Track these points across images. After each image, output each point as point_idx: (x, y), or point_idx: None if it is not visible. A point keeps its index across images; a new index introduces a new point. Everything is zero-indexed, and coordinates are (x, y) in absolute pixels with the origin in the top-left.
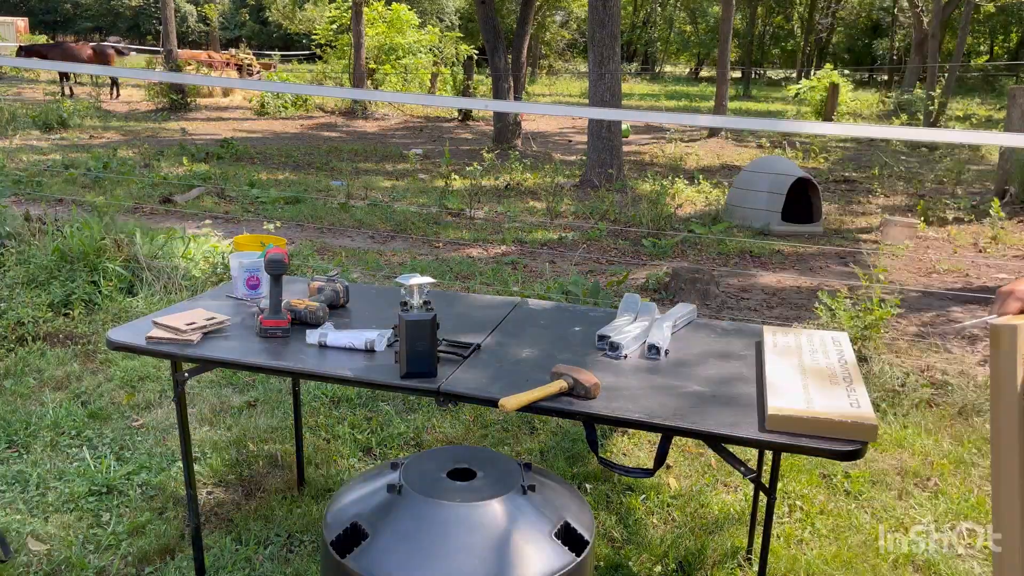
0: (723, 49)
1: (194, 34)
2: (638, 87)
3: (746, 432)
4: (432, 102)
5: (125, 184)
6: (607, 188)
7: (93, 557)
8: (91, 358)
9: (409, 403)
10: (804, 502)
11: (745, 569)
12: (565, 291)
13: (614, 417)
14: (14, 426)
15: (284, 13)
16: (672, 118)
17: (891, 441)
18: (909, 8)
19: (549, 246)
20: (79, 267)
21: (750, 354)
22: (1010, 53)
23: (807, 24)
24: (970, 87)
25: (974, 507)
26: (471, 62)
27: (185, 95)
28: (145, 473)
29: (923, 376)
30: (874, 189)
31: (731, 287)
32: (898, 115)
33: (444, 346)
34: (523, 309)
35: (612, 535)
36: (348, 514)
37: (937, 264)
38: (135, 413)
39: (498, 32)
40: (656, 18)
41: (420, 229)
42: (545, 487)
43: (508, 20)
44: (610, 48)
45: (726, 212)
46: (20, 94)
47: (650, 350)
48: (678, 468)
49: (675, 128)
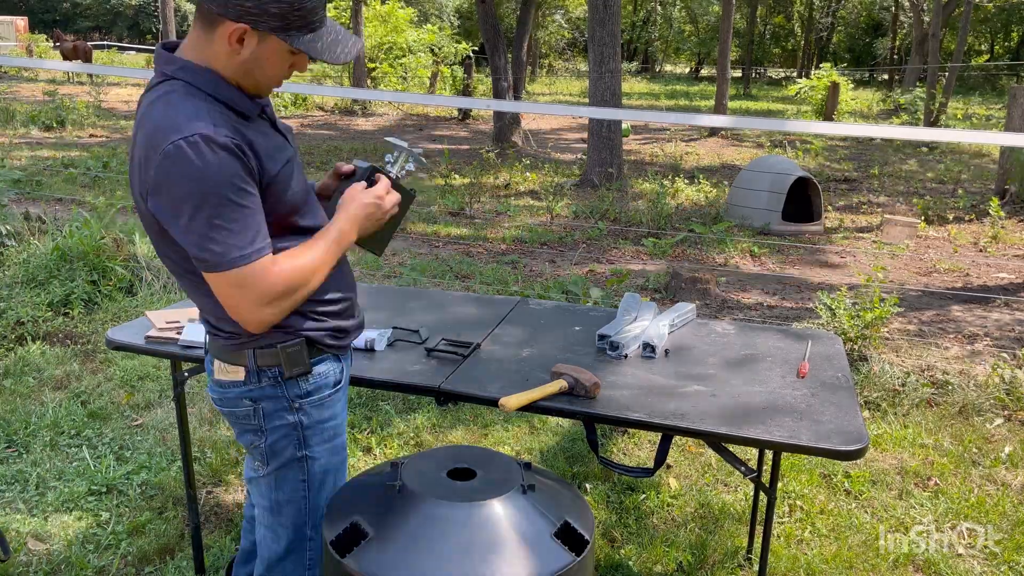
0: (723, 48)
1: None
2: (638, 86)
3: (746, 432)
4: (432, 101)
5: (125, 184)
6: (607, 187)
7: (93, 557)
8: (91, 358)
9: (409, 403)
10: (804, 502)
11: (745, 569)
12: (565, 291)
13: (614, 417)
14: (14, 426)
15: None
16: (672, 117)
17: (891, 441)
18: (910, 7)
19: (549, 246)
20: (79, 267)
21: (751, 353)
22: (1010, 53)
23: (807, 23)
24: (970, 87)
25: (974, 507)
26: (471, 61)
27: None
28: (145, 473)
29: (923, 376)
30: (874, 188)
31: (731, 287)
32: (898, 114)
33: (444, 345)
34: (523, 309)
35: (612, 535)
36: (348, 514)
37: (937, 264)
38: (135, 413)
39: (498, 31)
40: (656, 17)
41: (420, 228)
42: (545, 487)
43: (508, 19)
44: (610, 47)
45: (726, 211)
46: (19, 93)
47: (645, 348)
48: (678, 468)
49: (675, 127)
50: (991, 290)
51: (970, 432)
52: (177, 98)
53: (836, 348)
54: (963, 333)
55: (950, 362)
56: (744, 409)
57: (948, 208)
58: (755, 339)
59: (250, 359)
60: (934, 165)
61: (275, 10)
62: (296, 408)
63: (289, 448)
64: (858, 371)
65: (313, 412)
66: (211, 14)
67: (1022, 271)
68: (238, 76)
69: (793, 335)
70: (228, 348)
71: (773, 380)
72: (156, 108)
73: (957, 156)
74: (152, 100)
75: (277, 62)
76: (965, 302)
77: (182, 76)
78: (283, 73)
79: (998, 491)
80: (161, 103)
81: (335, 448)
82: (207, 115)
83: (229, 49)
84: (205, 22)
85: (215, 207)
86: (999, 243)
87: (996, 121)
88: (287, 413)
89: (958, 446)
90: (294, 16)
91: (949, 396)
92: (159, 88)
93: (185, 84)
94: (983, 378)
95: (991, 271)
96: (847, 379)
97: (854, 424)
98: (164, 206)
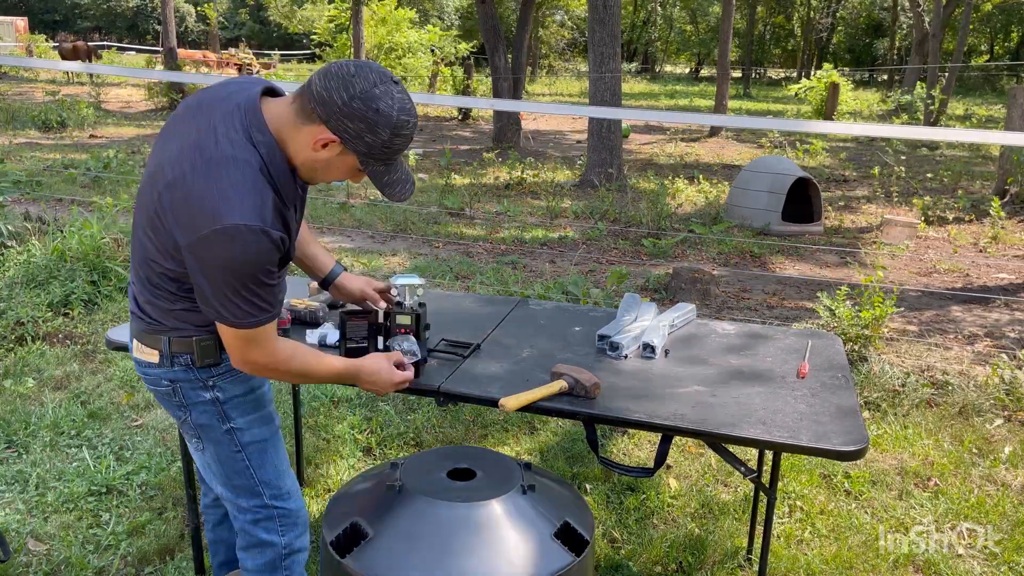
0: (723, 49)
1: (193, 34)
2: (638, 87)
3: (746, 432)
4: (432, 101)
5: (125, 184)
6: (607, 188)
7: (93, 557)
8: (91, 358)
9: (409, 403)
10: (804, 502)
11: (745, 569)
12: (565, 291)
13: (614, 417)
14: (14, 426)
15: (283, 12)
16: (672, 116)
17: (891, 441)
18: (910, 8)
19: (549, 246)
20: (79, 267)
21: (750, 354)
22: (1010, 53)
23: (807, 24)
24: (970, 87)
25: (974, 507)
26: (471, 61)
27: (185, 94)
28: (145, 473)
29: (923, 376)
30: (875, 189)
31: (731, 287)
32: (898, 115)
33: (443, 346)
34: (523, 309)
35: (612, 535)
36: (348, 514)
37: (937, 264)
38: (135, 413)
39: (498, 32)
40: (656, 18)
41: (420, 228)
42: (545, 487)
43: (508, 20)
44: (610, 47)
45: (726, 212)
46: (20, 93)
47: (644, 349)
48: (678, 468)
49: (675, 127)
50: (991, 290)
51: (970, 432)
52: (251, 177)
53: (836, 348)
54: (963, 333)
55: (950, 362)
56: (744, 409)
57: (948, 208)
58: (755, 339)
59: (164, 344)
60: (934, 165)
61: (369, 140)
62: (211, 386)
63: (214, 422)
64: (858, 371)
65: (228, 387)
66: (313, 113)
67: (1022, 271)
68: (303, 167)
69: (793, 335)
70: (147, 331)
71: (773, 380)
72: (229, 169)
73: (957, 156)
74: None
75: (342, 173)
76: (965, 302)
77: (263, 153)
78: (340, 179)
79: (998, 491)
80: (235, 170)
81: (261, 418)
82: (270, 209)
83: (311, 145)
84: (303, 113)
85: (247, 285)
86: (999, 243)
87: (996, 122)
88: (203, 391)
89: (958, 446)
90: (381, 151)
91: (949, 396)
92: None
93: (261, 163)
94: (983, 378)
95: (991, 271)
96: (847, 379)
97: (854, 424)
98: (200, 265)
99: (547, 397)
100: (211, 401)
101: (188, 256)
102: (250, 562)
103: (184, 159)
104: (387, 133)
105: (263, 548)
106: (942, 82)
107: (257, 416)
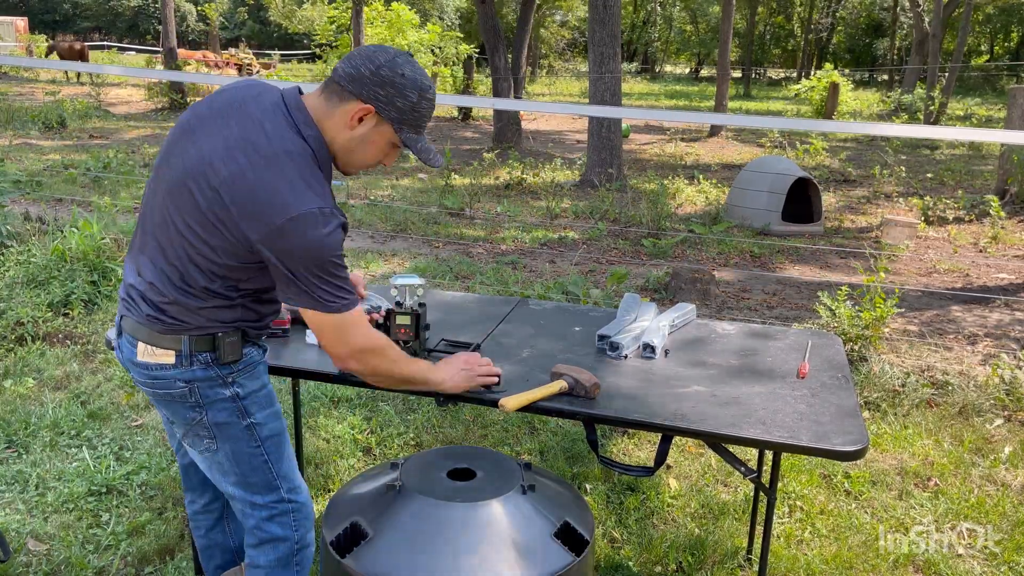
0: (723, 49)
1: (193, 34)
2: (638, 87)
3: (746, 432)
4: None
5: (125, 184)
6: (607, 188)
7: (93, 557)
8: (91, 358)
9: (409, 403)
10: (804, 502)
11: (745, 569)
12: (565, 291)
13: (614, 417)
14: (14, 426)
15: (284, 13)
16: (672, 116)
17: (891, 441)
18: (910, 8)
19: (549, 246)
20: (79, 267)
21: (750, 354)
22: (1010, 53)
23: (807, 24)
24: (970, 87)
25: (974, 507)
26: (471, 62)
27: (185, 94)
28: (145, 473)
29: (923, 376)
30: (875, 189)
31: (731, 287)
32: (899, 115)
33: (443, 345)
34: (523, 309)
35: (612, 535)
36: (348, 514)
37: (937, 264)
38: (135, 413)
39: (498, 32)
40: (656, 18)
41: (420, 229)
42: (545, 487)
43: (508, 20)
44: (610, 47)
45: (726, 212)
46: (21, 93)
47: (645, 349)
48: (678, 468)
49: (675, 127)
50: (991, 290)
51: (970, 432)
52: (309, 168)
53: (836, 348)
54: (963, 333)
55: (950, 362)
56: (744, 409)
57: (948, 208)
58: (755, 339)
59: (184, 343)
60: (934, 165)
61: (400, 104)
62: (230, 382)
63: (233, 419)
64: (858, 371)
65: (247, 383)
66: (343, 91)
67: (1022, 271)
68: (341, 151)
69: (793, 335)
70: (162, 332)
71: (773, 380)
72: (289, 162)
73: (957, 156)
74: (289, 149)
75: (378, 148)
76: (965, 302)
77: (313, 145)
78: (376, 160)
79: (998, 491)
80: (294, 162)
81: (275, 413)
82: (330, 196)
83: (347, 124)
84: (334, 96)
85: (328, 269)
86: (999, 243)
87: (996, 122)
88: (223, 388)
89: (958, 446)
90: (411, 115)
91: (949, 396)
92: (293, 139)
93: (312, 155)
94: (983, 378)
95: (991, 271)
96: (847, 379)
97: (854, 424)
98: (281, 256)
99: (547, 397)
100: (231, 398)
101: (266, 250)
102: (262, 558)
103: (236, 156)
104: (415, 95)
105: (276, 544)
106: (942, 82)
107: (272, 411)
